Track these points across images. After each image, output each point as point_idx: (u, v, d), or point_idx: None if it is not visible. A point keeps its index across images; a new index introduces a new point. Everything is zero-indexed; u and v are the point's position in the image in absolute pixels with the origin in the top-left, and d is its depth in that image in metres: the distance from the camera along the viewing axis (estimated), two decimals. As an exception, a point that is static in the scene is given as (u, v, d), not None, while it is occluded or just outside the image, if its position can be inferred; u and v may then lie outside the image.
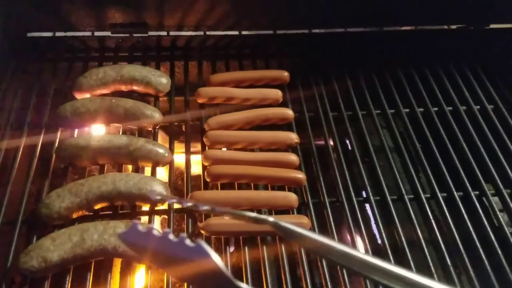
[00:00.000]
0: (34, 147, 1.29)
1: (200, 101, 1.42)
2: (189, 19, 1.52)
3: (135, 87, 1.40)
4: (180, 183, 1.66)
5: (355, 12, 1.58)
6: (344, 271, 1.12)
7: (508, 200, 1.28)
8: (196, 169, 1.34)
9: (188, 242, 0.63)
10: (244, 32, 1.62)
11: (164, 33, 1.56)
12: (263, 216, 0.76)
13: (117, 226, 1.06)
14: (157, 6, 1.47)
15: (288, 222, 0.73)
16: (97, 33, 1.53)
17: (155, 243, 0.65)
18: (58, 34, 1.51)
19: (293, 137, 1.34)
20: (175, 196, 0.87)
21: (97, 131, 1.33)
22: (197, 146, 1.37)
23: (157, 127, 1.36)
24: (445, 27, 1.69)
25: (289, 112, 1.40)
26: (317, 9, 1.56)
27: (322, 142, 1.40)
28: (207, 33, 1.57)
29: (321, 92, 1.52)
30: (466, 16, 1.64)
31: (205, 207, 0.77)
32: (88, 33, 1.52)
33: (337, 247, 0.72)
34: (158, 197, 0.77)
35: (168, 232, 0.64)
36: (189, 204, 0.80)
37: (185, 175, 1.28)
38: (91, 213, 1.16)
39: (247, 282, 1.09)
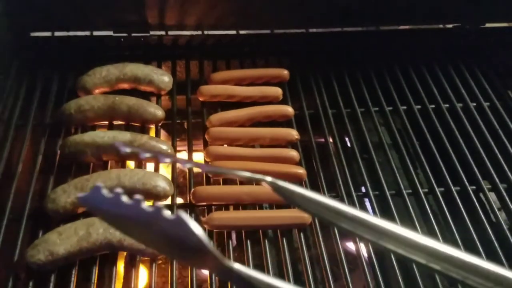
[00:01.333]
0: (38, 144, 1.31)
1: (201, 99, 1.44)
2: (189, 18, 1.54)
3: (137, 85, 1.42)
4: (182, 180, 1.68)
5: (352, 11, 1.61)
6: (345, 266, 1.14)
7: (504, 194, 1.31)
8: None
9: (165, 213, 0.52)
10: (242, 32, 1.64)
11: (165, 32, 1.58)
12: (259, 176, 0.68)
13: (122, 220, 1.08)
14: (158, 6, 1.49)
15: (286, 182, 0.67)
16: (99, 33, 1.55)
17: (123, 211, 0.54)
18: (61, 33, 1.53)
19: (293, 133, 1.36)
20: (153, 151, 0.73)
21: (101, 128, 1.35)
22: (199, 144, 1.39)
23: (160, 125, 1.38)
24: (441, 26, 1.72)
25: (289, 109, 1.42)
26: (314, 9, 1.59)
27: (322, 139, 1.43)
28: (205, 32, 1.59)
29: (320, 90, 1.55)
30: (462, 15, 1.67)
31: (207, 169, 0.72)
32: (90, 33, 1.54)
33: (343, 210, 0.65)
34: (127, 150, 0.63)
35: (139, 200, 0.53)
36: (189, 164, 0.76)
37: (187, 172, 1.30)
38: (96, 208, 1.17)
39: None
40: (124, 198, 0.54)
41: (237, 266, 0.58)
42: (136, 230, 0.58)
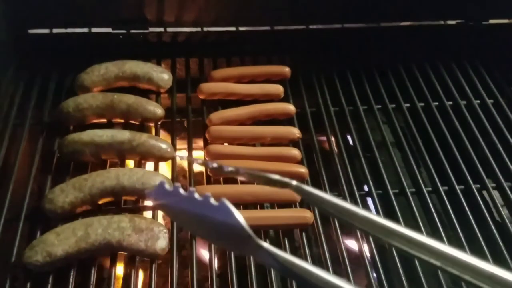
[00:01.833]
0: (36, 143, 1.29)
1: (201, 97, 1.42)
2: (189, 15, 1.52)
3: (137, 83, 1.41)
4: (182, 179, 1.66)
5: (354, 7, 1.59)
6: (348, 266, 1.12)
7: (509, 193, 1.29)
8: (199, 166, 1.34)
9: (212, 200, 0.65)
10: (241, 28, 1.62)
11: (164, 29, 1.56)
12: (286, 179, 0.75)
13: (121, 221, 1.06)
14: (157, 2, 1.47)
15: (311, 187, 0.74)
16: (98, 30, 1.53)
17: (180, 202, 0.67)
18: (59, 30, 1.51)
19: (295, 131, 1.34)
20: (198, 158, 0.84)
21: (99, 127, 1.33)
22: (199, 142, 1.37)
23: (159, 123, 1.36)
24: (445, 22, 1.70)
25: (290, 107, 1.40)
26: (315, 5, 1.57)
27: (324, 137, 1.41)
28: (205, 29, 1.57)
29: (322, 88, 1.53)
30: (466, 12, 1.65)
31: (230, 169, 0.78)
32: (89, 30, 1.52)
33: (360, 213, 0.71)
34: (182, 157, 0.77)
35: (193, 191, 0.66)
36: (214, 165, 0.81)
37: (187, 171, 1.28)
38: (95, 208, 1.16)
39: (250, 278, 1.09)
40: (181, 190, 0.67)
41: (273, 248, 0.67)
42: (191, 220, 0.69)
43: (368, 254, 1.16)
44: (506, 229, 1.22)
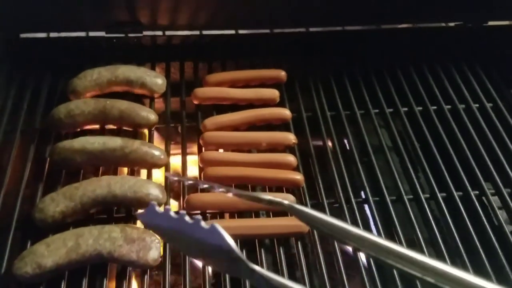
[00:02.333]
0: (27, 150, 1.27)
1: (196, 102, 1.40)
2: (183, 18, 1.50)
3: (130, 88, 1.39)
4: (177, 185, 1.64)
5: (353, 9, 1.57)
6: (343, 272, 1.11)
7: (508, 199, 1.27)
8: (194, 170, 1.32)
9: (202, 224, 0.67)
10: (241, 31, 1.60)
11: (159, 32, 1.54)
12: (278, 199, 0.80)
13: (112, 231, 1.04)
14: (151, 5, 1.44)
15: (303, 206, 0.78)
16: (91, 33, 1.51)
17: (171, 224, 0.69)
18: (51, 35, 1.49)
19: (290, 137, 1.32)
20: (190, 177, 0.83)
21: (92, 134, 1.31)
22: (193, 147, 1.35)
23: (153, 129, 1.34)
24: (443, 24, 1.67)
25: (286, 112, 1.38)
26: (314, 7, 1.54)
27: (320, 143, 1.39)
28: (200, 32, 1.55)
29: (319, 91, 1.51)
30: (465, 13, 1.63)
31: (221, 189, 0.78)
32: (82, 34, 1.50)
33: (352, 231, 0.73)
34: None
35: (184, 214, 0.68)
36: (205, 186, 0.82)
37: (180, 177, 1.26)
38: (86, 217, 1.14)
39: (244, 286, 1.08)
40: (172, 213, 0.69)
41: (265, 272, 0.69)
42: (183, 241, 0.72)
43: (364, 262, 1.14)
44: (505, 236, 1.20)
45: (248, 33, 1.60)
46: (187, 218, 0.68)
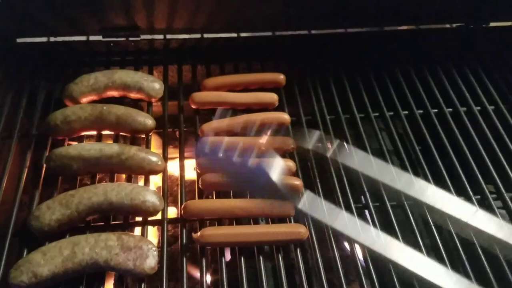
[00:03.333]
0: (24, 156, 1.26)
1: (194, 106, 1.39)
2: (181, 21, 1.48)
3: (127, 93, 1.37)
4: (176, 189, 1.63)
5: (354, 12, 1.55)
6: (343, 278, 1.09)
7: (510, 203, 1.25)
8: (192, 174, 1.31)
9: (250, 162, 0.74)
10: (242, 34, 1.58)
11: (156, 36, 1.52)
12: None
13: (109, 239, 1.03)
14: (148, 9, 1.43)
15: None
16: (87, 38, 1.49)
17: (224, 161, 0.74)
18: (48, 39, 1.48)
19: (289, 142, 1.30)
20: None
21: (88, 140, 1.30)
22: (192, 150, 1.34)
23: (150, 134, 1.33)
24: (445, 26, 1.65)
25: (285, 116, 1.37)
26: (316, 10, 1.53)
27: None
28: (198, 36, 1.53)
29: (318, 95, 1.49)
30: (466, 15, 1.61)
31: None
32: (79, 38, 1.49)
33: None
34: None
35: (231, 155, 0.74)
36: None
37: (179, 184, 1.25)
38: (83, 225, 1.13)
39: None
40: (221, 153, 0.76)
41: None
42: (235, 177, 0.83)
43: (364, 267, 1.13)
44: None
45: (249, 36, 1.59)
46: (235, 158, 0.74)
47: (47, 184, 1.21)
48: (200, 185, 1.21)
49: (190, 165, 1.38)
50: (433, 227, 1.20)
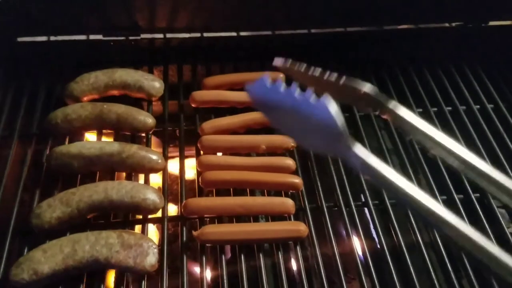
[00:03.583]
0: (24, 155, 1.26)
1: (194, 105, 1.39)
2: (181, 20, 1.49)
3: (127, 92, 1.38)
4: (176, 188, 1.63)
5: (353, 11, 1.55)
6: (342, 275, 1.10)
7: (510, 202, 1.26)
8: (192, 173, 1.31)
9: (311, 98, 0.65)
10: (242, 33, 1.59)
11: (157, 35, 1.53)
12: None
13: (109, 237, 1.04)
14: (149, 8, 1.43)
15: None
16: (88, 37, 1.50)
17: (279, 98, 0.68)
18: (48, 38, 1.48)
19: (289, 140, 1.31)
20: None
21: (89, 138, 1.31)
22: (193, 149, 1.34)
23: (150, 133, 1.33)
24: (444, 24, 1.66)
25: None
26: (316, 9, 1.53)
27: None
28: (198, 35, 1.54)
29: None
30: (465, 14, 1.61)
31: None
32: (79, 37, 1.49)
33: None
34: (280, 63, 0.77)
35: (294, 88, 0.67)
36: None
37: (179, 181, 1.25)
38: (83, 223, 1.13)
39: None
40: (282, 87, 0.68)
41: (361, 154, 0.66)
42: (285, 118, 0.69)
43: (364, 265, 1.13)
44: (506, 239, 1.19)
45: (249, 35, 1.59)
46: (296, 92, 0.67)
47: (47, 182, 1.21)
48: (200, 183, 1.22)
49: (190, 164, 1.38)
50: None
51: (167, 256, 1.10)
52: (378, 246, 1.18)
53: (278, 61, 0.77)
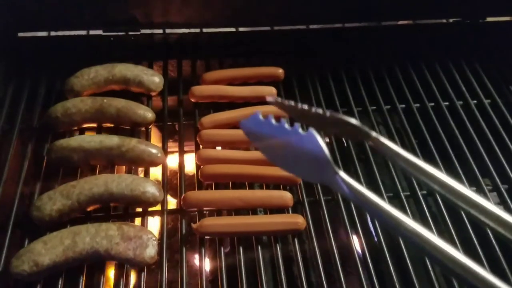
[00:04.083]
0: (25, 148, 1.27)
1: (193, 100, 1.40)
2: (181, 16, 1.50)
3: (127, 87, 1.39)
4: (175, 182, 1.64)
5: (352, 6, 1.56)
6: (340, 268, 1.11)
7: (506, 195, 1.27)
8: (192, 167, 1.33)
9: (300, 130, 0.72)
10: (241, 29, 1.60)
11: (156, 30, 1.54)
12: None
13: (109, 229, 1.05)
14: (148, 3, 1.45)
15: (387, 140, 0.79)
16: (88, 32, 1.51)
17: (271, 131, 0.74)
18: (49, 33, 1.49)
19: (287, 134, 1.32)
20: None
21: (89, 132, 1.32)
22: (192, 145, 1.36)
23: (150, 127, 1.35)
24: (442, 20, 1.67)
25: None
26: (314, 5, 1.54)
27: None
28: (198, 30, 1.55)
29: (316, 89, 1.51)
30: (463, 9, 1.62)
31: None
32: (80, 32, 1.50)
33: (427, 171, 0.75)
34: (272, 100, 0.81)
35: (284, 121, 0.73)
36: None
37: (178, 175, 1.26)
38: (84, 215, 1.15)
39: (241, 283, 1.08)
40: (273, 120, 0.75)
41: (348, 178, 0.71)
42: (275, 149, 0.76)
43: (362, 258, 1.15)
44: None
45: (248, 30, 1.60)
46: (286, 125, 0.73)
47: (48, 175, 1.22)
48: (199, 177, 1.23)
49: (190, 158, 1.39)
50: (429, 217, 1.21)
51: (166, 248, 1.11)
52: (376, 239, 1.19)
53: (270, 99, 0.82)
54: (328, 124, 0.80)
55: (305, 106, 0.82)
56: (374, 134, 0.79)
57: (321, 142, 0.71)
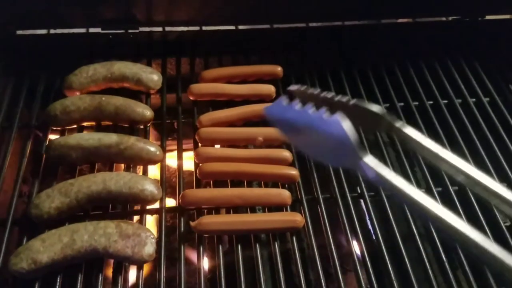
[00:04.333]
0: (24, 146, 1.27)
1: (192, 98, 1.40)
2: (180, 14, 1.49)
3: (126, 84, 1.39)
4: (174, 180, 1.64)
5: (351, 5, 1.56)
6: (338, 266, 1.11)
7: (504, 193, 1.27)
8: (190, 165, 1.33)
9: (325, 115, 0.69)
10: (240, 27, 1.60)
11: (155, 28, 1.54)
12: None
13: (107, 227, 1.05)
14: (147, 1, 1.44)
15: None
16: (87, 30, 1.51)
17: (295, 116, 0.72)
18: (47, 31, 1.49)
19: (286, 133, 1.32)
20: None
21: (87, 130, 1.32)
22: (190, 143, 1.36)
23: (149, 125, 1.35)
24: (441, 18, 1.67)
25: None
26: (314, 3, 1.54)
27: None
28: (197, 28, 1.55)
29: (315, 87, 1.50)
30: (462, 8, 1.62)
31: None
32: (78, 30, 1.50)
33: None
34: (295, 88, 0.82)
35: (309, 107, 0.71)
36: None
37: (177, 173, 1.26)
38: (82, 213, 1.15)
39: (239, 281, 1.08)
40: (297, 106, 0.73)
41: (373, 164, 0.69)
42: (300, 134, 0.75)
43: (360, 257, 1.15)
44: (500, 229, 1.20)
45: (247, 28, 1.60)
46: (311, 110, 0.71)
47: (46, 173, 1.23)
48: (198, 175, 1.23)
49: (188, 156, 1.40)
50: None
51: (165, 246, 1.11)
52: (374, 237, 1.19)
53: (293, 87, 0.82)
54: (351, 113, 0.76)
55: (328, 94, 0.80)
56: (398, 124, 0.76)
57: (347, 127, 0.68)
